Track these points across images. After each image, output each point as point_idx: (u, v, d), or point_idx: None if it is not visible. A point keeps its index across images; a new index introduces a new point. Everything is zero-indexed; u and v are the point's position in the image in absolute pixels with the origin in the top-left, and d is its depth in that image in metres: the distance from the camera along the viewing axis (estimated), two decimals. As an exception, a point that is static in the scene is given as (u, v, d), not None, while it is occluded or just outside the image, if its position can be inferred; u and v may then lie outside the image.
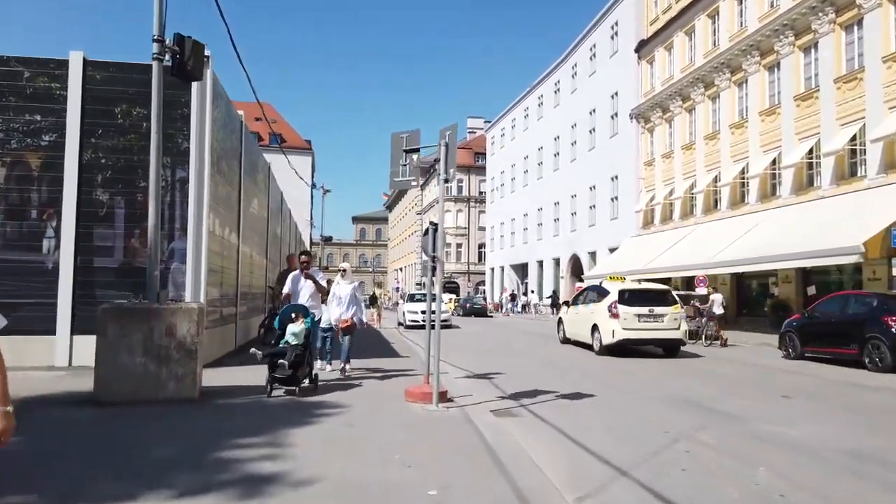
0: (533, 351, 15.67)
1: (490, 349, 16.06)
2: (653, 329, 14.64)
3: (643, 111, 32.27)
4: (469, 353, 14.36)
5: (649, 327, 14.56)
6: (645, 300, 15.00)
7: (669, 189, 29.85)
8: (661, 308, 14.80)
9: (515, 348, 16.47)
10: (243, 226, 13.26)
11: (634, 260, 29.01)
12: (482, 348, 16.25)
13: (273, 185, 18.96)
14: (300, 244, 37.33)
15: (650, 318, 14.58)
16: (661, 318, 14.65)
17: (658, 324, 14.61)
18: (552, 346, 16.83)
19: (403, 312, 23.99)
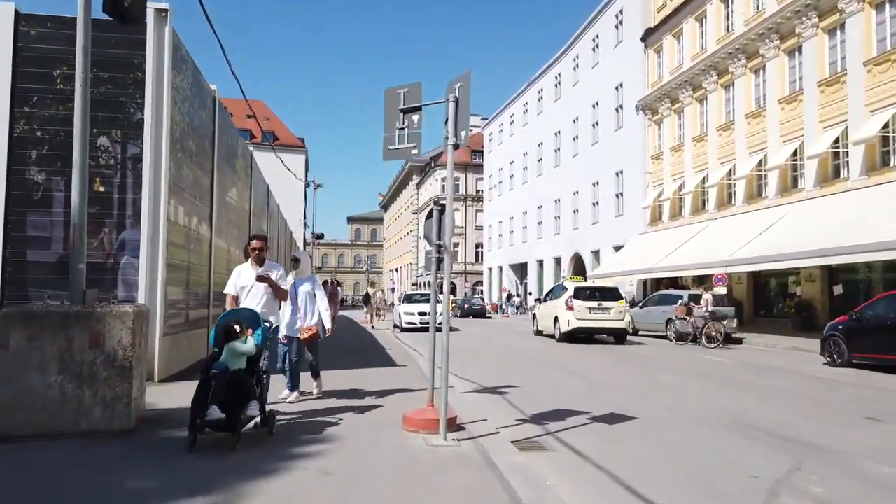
0: (544, 356, 14.11)
1: (495, 353, 14.50)
2: (601, 319, 17.61)
3: (650, 102, 30.76)
4: (473, 359, 12.78)
5: (599, 318, 17.56)
6: (595, 296, 17.93)
7: (679, 184, 28.35)
8: (608, 302, 17.76)
9: (522, 351, 14.91)
10: (218, 217, 11.65)
11: (643, 258, 27.48)
12: (486, 352, 14.69)
13: (257, 176, 17.36)
14: (292, 244, 35.78)
15: (599, 311, 17.60)
16: (609, 311, 17.61)
17: (606, 315, 17.59)
18: (565, 351, 15.30)
19: (399, 314, 22.40)
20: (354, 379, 8.94)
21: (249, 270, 6.42)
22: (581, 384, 9.53)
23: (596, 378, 10.29)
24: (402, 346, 15.15)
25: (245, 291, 6.33)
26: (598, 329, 17.70)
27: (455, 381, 9.02)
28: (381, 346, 14.88)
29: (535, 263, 46.53)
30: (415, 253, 77.46)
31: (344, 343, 14.97)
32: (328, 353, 12.26)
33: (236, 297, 6.38)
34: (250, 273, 6.37)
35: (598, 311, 17.43)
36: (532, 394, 8.55)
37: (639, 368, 12.06)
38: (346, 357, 11.91)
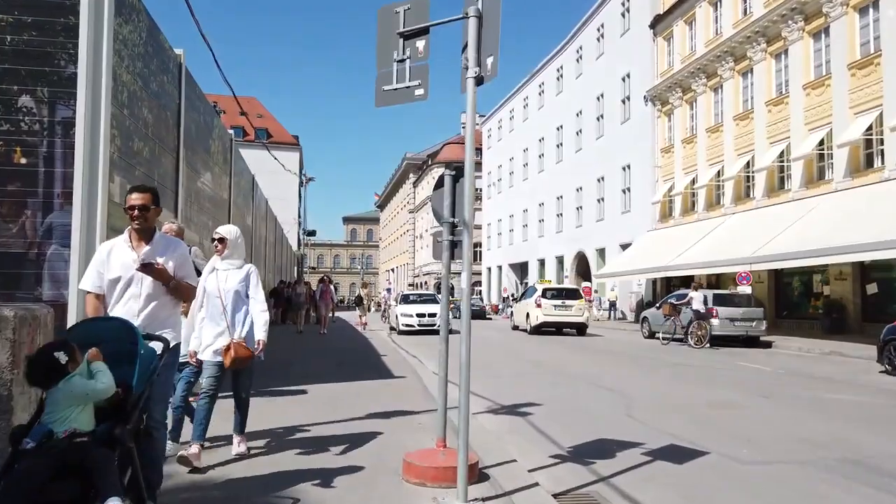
0: (558, 362, 12.52)
1: (505, 359, 12.91)
2: (565, 315, 20.73)
3: (660, 92, 29.20)
4: (482, 368, 11.19)
5: (562, 314, 20.70)
6: (560, 295, 21.27)
7: (691, 177, 26.80)
8: (570, 301, 20.94)
9: (534, 358, 13.31)
10: (186, 204, 10.03)
11: (654, 256, 25.90)
12: (495, 359, 13.09)
13: (240, 164, 15.74)
14: (283, 244, 34.18)
15: (563, 308, 20.71)
16: (571, 308, 20.68)
17: (568, 311, 20.67)
18: (581, 356, 13.74)
19: (396, 315, 20.78)
20: (341, 397, 7.33)
21: (125, 251, 3.59)
22: (616, 401, 7.93)
23: (630, 391, 8.69)
24: (400, 351, 13.53)
25: (117, 287, 3.57)
26: (562, 323, 21.00)
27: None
28: (375, 351, 13.26)
29: (537, 263, 44.96)
30: (411, 253, 75.86)
31: (333, 348, 13.38)
32: (314, 361, 10.79)
33: (101, 296, 3.61)
34: (126, 255, 3.57)
35: (562, 308, 20.60)
36: (560, 414, 6.97)
37: (671, 379, 10.48)
38: (333, 367, 10.30)
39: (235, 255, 4.80)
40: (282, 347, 13.25)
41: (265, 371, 9.48)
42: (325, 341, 15.25)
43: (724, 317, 16.13)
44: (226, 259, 4.74)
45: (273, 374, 9.24)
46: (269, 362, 10.70)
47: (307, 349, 13.00)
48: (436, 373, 10.12)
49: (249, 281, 4.70)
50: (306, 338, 16.06)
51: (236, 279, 4.64)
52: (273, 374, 9.24)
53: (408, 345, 15.96)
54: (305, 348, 13.25)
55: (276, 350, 12.45)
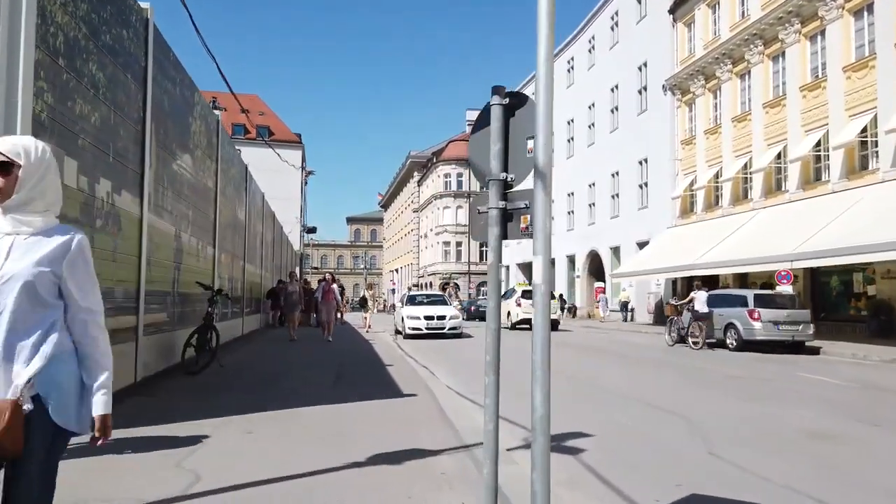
0: (587, 372, 10.92)
1: (522, 367, 11.35)
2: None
3: (680, 81, 27.58)
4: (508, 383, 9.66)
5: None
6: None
7: (716, 170, 25.19)
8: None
9: (557, 367, 11.69)
10: (156, 188, 8.49)
11: (675, 254, 24.29)
12: (511, 366, 11.52)
13: (228, 149, 14.19)
14: (284, 243, 32.67)
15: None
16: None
17: None
18: (609, 364, 12.15)
19: (402, 318, 19.20)
20: (337, 426, 5.74)
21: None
22: (683, 429, 6.34)
23: (692, 414, 7.09)
24: (407, 359, 11.94)
25: None
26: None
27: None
28: (379, 360, 11.66)
29: (546, 262, 43.30)
30: (416, 253, 74.30)
31: (332, 356, 11.80)
32: (308, 373, 9.16)
33: None
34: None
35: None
36: (624, 451, 5.39)
37: (730, 394, 8.88)
38: (330, 381, 8.71)
39: (36, 204, 2.02)
40: (270, 357, 11.71)
41: (247, 388, 7.94)
42: (322, 348, 13.65)
43: (766, 320, 14.51)
44: (12, 211, 1.99)
45: (256, 391, 7.67)
46: (254, 377, 9.15)
47: (301, 359, 11.41)
48: (453, 388, 8.57)
49: (69, 266, 2.01)
50: (302, 345, 14.44)
51: (32, 258, 1.95)
52: (256, 391, 7.67)
53: (415, 351, 14.38)
54: (299, 357, 11.64)
55: (264, 361, 10.86)
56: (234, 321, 15.63)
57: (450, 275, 63.51)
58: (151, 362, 8.41)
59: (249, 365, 10.30)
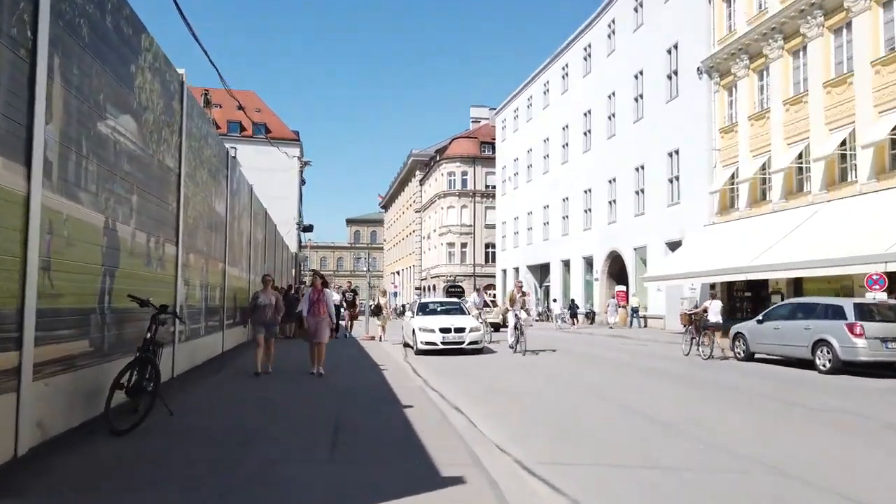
0: (641, 398, 8.06)
1: (552, 387, 8.50)
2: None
3: (719, 62, 24.75)
4: (536, 409, 6.83)
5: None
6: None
7: (763, 160, 22.35)
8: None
9: (598, 391, 8.84)
10: (62, 155, 5.64)
11: (716, 256, 21.47)
12: (536, 386, 8.69)
13: (200, 121, 11.34)
14: (279, 244, 29.83)
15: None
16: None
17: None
18: (664, 388, 9.29)
19: (413, 330, 16.30)
20: None
21: None
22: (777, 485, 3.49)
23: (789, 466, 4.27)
24: (428, 392, 9.01)
25: None
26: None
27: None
28: (391, 395, 8.71)
29: (560, 264, 40.53)
30: (418, 255, 71.48)
31: (328, 395, 8.86)
32: (292, 430, 5.85)
33: None
34: None
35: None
36: None
37: (813, 430, 6.04)
38: (324, 446, 5.74)
39: None
40: (243, 398, 8.40)
41: (194, 470, 4.97)
42: (313, 385, 9.60)
43: (872, 336, 11.65)
44: None
45: (208, 477, 4.73)
46: (210, 442, 5.74)
47: (285, 401, 8.14)
48: (509, 454, 5.72)
49: None
50: (284, 381, 9.85)
51: None
52: (208, 477, 4.73)
53: (435, 375, 11.50)
54: (283, 399, 8.32)
55: (233, 406, 7.86)
56: (212, 337, 12.74)
57: (454, 277, 60.68)
58: (53, 419, 5.54)
59: (210, 412, 7.34)
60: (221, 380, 9.87)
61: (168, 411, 6.68)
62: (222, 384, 9.42)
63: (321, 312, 10.55)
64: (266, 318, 10.59)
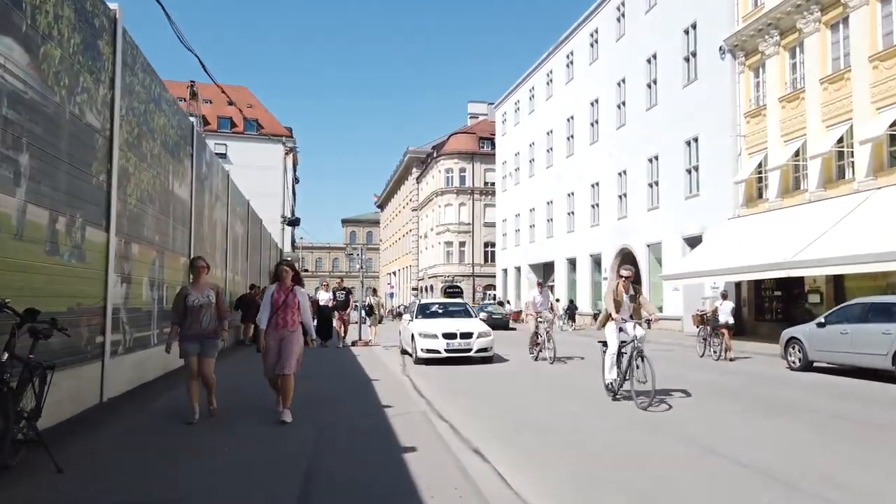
0: (711, 432, 5.94)
1: (637, 435, 6.36)
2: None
3: (744, 40, 22.64)
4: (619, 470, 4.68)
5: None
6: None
7: (796, 146, 20.25)
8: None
9: (675, 427, 6.71)
10: None
11: (746, 251, 19.35)
12: (619, 431, 6.56)
13: (145, 77, 9.15)
14: (265, 241, 27.65)
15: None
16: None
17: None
18: (729, 416, 7.16)
19: (413, 336, 14.10)
20: None
21: None
22: None
23: None
24: (436, 424, 6.84)
25: None
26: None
27: None
28: (388, 429, 6.53)
29: (565, 263, 38.39)
30: (415, 254, 69.29)
31: (302, 425, 6.66)
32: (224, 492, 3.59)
33: None
34: None
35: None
36: None
37: None
38: None
39: None
40: (174, 446, 5.57)
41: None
42: (276, 434, 6.17)
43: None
44: None
45: None
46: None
47: (232, 457, 5.27)
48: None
49: None
50: (230, 423, 6.60)
51: None
52: None
53: (442, 395, 9.31)
54: (228, 449, 5.56)
55: (157, 464, 5.16)
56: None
57: (452, 277, 58.52)
58: None
59: (117, 469, 5.06)
60: (154, 417, 6.87)
61: (56, 467, 4.50)
62: (154, 424, 6.62)
63: (289, 323, 6.71)
64: (201, 328, 6.59)
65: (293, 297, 6.82)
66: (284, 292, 6.84)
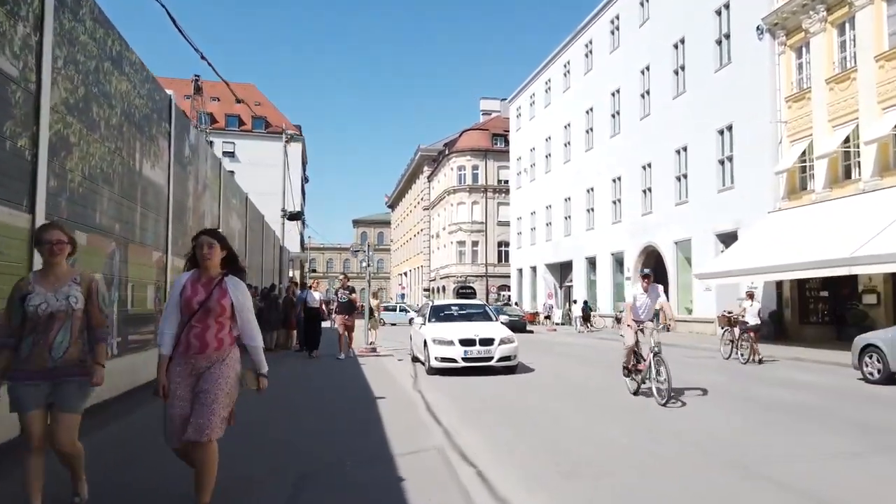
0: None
1: (737, 477, 4.66)
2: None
3: (785, 17, 20.76)
4: None
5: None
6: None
7: (846, 131, 18.37)
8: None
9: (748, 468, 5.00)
10: None
11: (790, 248, 17.49)
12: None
13: (113, 46, 7.51)
14: (266, 238, 26.12)
15: None
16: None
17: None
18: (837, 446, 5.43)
19: (425, 342, 12.37)
20: None
21: None
22: None
23: None
24: (460, 472, 5.09)
25: None
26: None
27: None
28: (395, 480, 4.85)
29: (584, 262, 36.54)
30: (426, 255, 67.63)
31: (281, 471, 4.97)
32: None
33: None
34: None
35: None
36: None
37: None
38: None
39: None
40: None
41: None
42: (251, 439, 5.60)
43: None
44: None
45: None
46: None
47: None
48: None
49: None
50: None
51: None
52: None
53: (466, 420, 7.58)
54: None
55: None
56: (134, 358, 8.85)
57: (465, 277, 56.77)
58: None
59: None
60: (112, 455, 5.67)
61: None
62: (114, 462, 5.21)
63: (211, 345, 3.83)
64: (51, 357, 3.72)
65: (221, 296, 3.82)
66: (206, 286, 3.84)
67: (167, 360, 3.81)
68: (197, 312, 3.77)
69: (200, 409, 3.68)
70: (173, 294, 3.90)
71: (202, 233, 4.01)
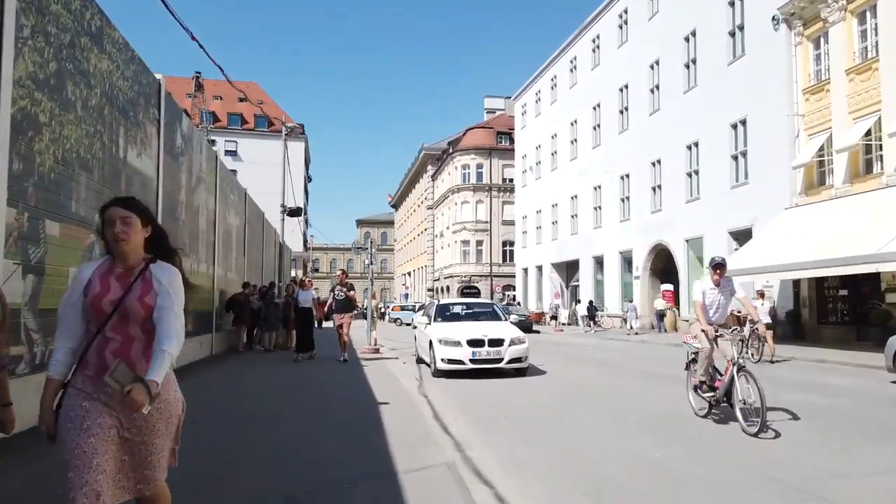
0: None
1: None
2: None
3: (802, 7, 20.04)
4: None
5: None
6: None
7: (868, 124, 17.65)
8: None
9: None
10: None
11: (813, 244, 16.81)
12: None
13: (92, 21, 6.86)
14: (265, 234, 25.50)
15: None
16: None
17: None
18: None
19: (431, 343, 11.72)
20: None
21: None
22: None
23: None
24: (475, 494, 4.47)
25: None
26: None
27: None
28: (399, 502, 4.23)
29: (591, 261, 35.84)
30: (430, 254, 66.97)
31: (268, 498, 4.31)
32: None
33: None
34: None
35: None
36: None
37: None
38: None
39: None
40: None
41: None
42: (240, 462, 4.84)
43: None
44: None
45: None
46: None
47: None
48: None
49: None
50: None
51: None
52: None
53: (478, 429, 6.92)
54: None
55: None
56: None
57: (469, 277, 56.08)
58: None
59: None
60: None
61: None
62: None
63: (142, 365, 2.50)
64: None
65: (145, 292, 2.59)
66: (122, 280, 2.61)
67: (58, 388, 2.53)
68: (111, 318, 2.53)
69: (136, 466, 2.55)
70: (72, 291, 2.61)
71: (112, 203, 2.67)
